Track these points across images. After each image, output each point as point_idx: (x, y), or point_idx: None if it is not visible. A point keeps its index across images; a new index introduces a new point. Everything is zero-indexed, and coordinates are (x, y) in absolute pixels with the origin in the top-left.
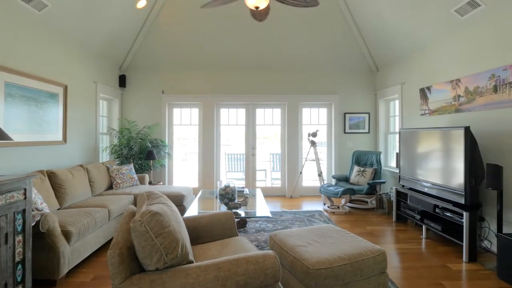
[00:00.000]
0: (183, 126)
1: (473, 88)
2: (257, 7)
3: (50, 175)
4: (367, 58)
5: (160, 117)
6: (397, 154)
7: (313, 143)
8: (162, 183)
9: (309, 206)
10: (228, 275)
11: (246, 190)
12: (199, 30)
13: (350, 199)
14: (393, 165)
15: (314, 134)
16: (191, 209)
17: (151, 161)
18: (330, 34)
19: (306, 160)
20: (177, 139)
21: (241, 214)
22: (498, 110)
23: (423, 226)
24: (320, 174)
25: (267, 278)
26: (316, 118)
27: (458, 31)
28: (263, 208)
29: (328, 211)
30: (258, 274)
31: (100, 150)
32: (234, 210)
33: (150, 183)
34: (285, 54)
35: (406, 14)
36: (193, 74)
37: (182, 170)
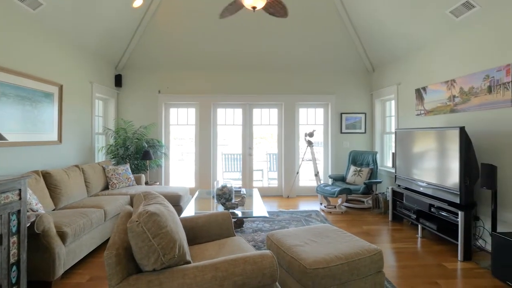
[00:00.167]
0: (180, 126)
1: (468, 88)
2: (254, 7)
3: (45, 176)
4: (363, 58)
5: (156, 117)
6: (393, 154)
7: (309, 143)
8: (158, 183)
9: (306, 206)
10: (225, 275)
11: (243, 190)
12: (196, 30)
13: (346, 199)
14: (389, 165)
15: (311, 134)
16: (188, 209)
17: (148, 161)
18: (327, 34)
19: (302, 160)
20: (173, 139)
21: (238, 214)
22: (492, 111)
23: (419, 225)
24: (316, 174)
25: (265, 278)
26: (312, 118)
27: (453, 32)
28: (260, 208)
29: (324, 211)
30: (255, 274)
31: (96, 150)
32: (231, 210)
33: (147, 184)
34: (282, 54)
35: (402, 15)
36: (190, 74)
37: (179, 170)
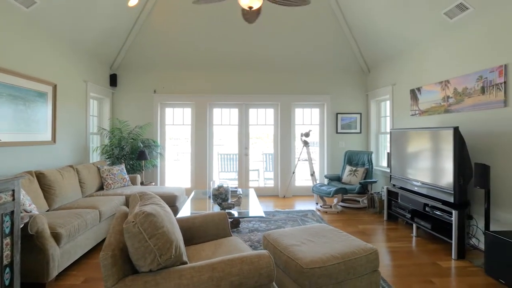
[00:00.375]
0: (176, 126)
1: (461, 89)
2: (250, 7)
3: (39, 176)
4: (359, 59)
5: (152, 117)
6: (388, 154)
7: (305, 143)
8: (154, 184)
9: (302, 205)
10: (222, 276)
11: (239, 190)
12: (192, 29)
13: (342, 199)
14: (384, 164)
15: (307, 134)
16: (184, 209)
17: (143, 161)
18: (322, 34)
19: (298, 160)
20: (169, 139)
21: (234, 214)
22: (485, 111)
23: (414, 224)
24: (312, 174)
25: (262, 278)
26: (308, 118)
27: (447, 33)
28: (257, 208)
29: (320, 211)
30: (252, 274)
31: (90, 150)
32: (227, 210)
33: (142, 184)
34: (278, 55)
35: (397, 16)
36: (185, 74)
37: (174, 171)
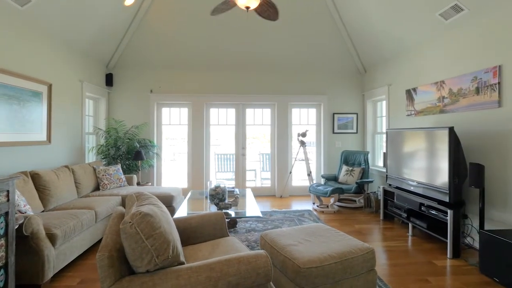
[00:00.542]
0: (172, 126)
1: (456, 89)
2: (247, 7)
3: (34, 176)
4: (355, 59)
5: (148, 116)
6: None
7: (302, 143)
8: (150, 184)
9: (298, 205)
10: (220, 276)
11: (236, 190)
12: (190, 29)
13: (338, 198)
14: (380, 164)
15: (304, 134)
16: (181, 210)
17: (139, 161)
18: (319, 35)
19: (295, 160)
20: (165, 139)
21: (231, 214)
22: (480, 111)
23: (409, 224)
24: (309, 174)
25: (259, 278)
26: (305, 118)
27: (443, 35)
28: (254, 208)
29: (317, 210)
30: (250, 274)
31: (86, 150)
32: (224, 211)
33: (138, 184)
34: (275, 55)
35: (393, 17)
36: (182, 73)
37: (171, 171)
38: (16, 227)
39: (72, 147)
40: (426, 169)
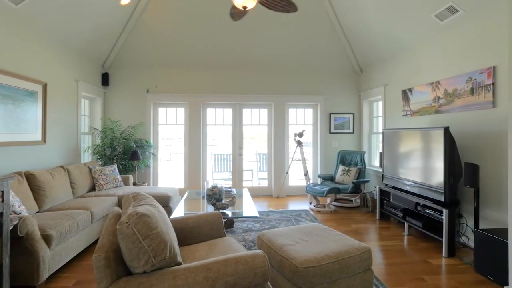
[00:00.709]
0: (169, 126)
1: (451, 90)
2: (244, 7)
3: (29, 177)
4: (352, 59)
5: (144, 116)
6: (380, 153)
7: (299, 143)
8: (147, 184)
9: (295, 205)
10: (217, 276)
11: (233, 190)
12: (187, 28)
13: (335, 198)
14: (376, 164)
15: (300, 134)
16: (178, 210)
17: (136, 161)
18: (316, 36)
19: (292, 160)
20: (161, 139)
21: (228, 214)
22: (475, 112)
23: (405, 223)
24: (306, 174)
25: (256, 278)
26: (302, 118)
27: (438, 35)
28: (251, 208)
29: (314, 210)
30: (247, 274)
31: (81, 150)
32: (221, 211)
33: (135, 184)
34: (272, 55)
35: (389, 18)
36: (179, 73)
37: (168, 171)
38: (10, 228)
39: (67, 147)
40: (422, 169)
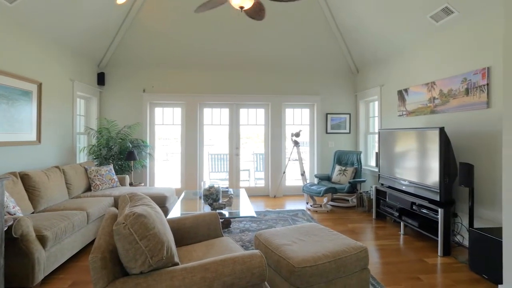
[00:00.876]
0: (165, 126)
1: (447, 90)
2: (241, 7)
3: (23, 177)
4: (348, 60)
5: (141, 116)
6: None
7: (296, 143)
8: (143, 184)
9: (292, 205)
10: (215, 276)
11: (230, 190)
12: (183, 28)
13: (332, 198)
14: (372, 164)
15: (297, 134)
16: (174, 210)
17: (132, 161)
18: (313, 36)
19: (289, 160)
20: (158, 139)
21: (225, 214)
22: (469, 112)
23: (401, 222)
24: (303, 174)
25: (254, 278)
26: (299, 119)
27: (433, 36)
28: (248, 208)
29: (311, 210)
30: (245, 274)
31: (77, 150)
32: (218, 211)
33: (131, 185)
34: (269, 55)
35: (385, 19)
36: (176, 73)
37: (164, 171)
38: (5, 229)
39: (62, 147)
40: (418, 168)
